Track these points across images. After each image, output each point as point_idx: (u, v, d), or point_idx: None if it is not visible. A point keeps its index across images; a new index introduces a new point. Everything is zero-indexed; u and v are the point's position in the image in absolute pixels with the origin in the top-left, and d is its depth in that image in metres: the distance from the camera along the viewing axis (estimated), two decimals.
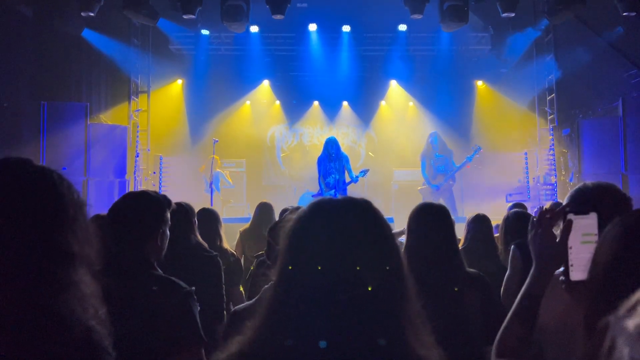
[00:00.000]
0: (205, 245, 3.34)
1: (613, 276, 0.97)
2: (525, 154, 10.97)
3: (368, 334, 1.00)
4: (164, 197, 2.17)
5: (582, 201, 1.72)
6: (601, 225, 1.20)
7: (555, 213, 1.33)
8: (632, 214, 1.04)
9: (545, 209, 1.35)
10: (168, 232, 2.11)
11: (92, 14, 8.23)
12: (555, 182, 10.02)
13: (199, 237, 3.30)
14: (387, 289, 1.04)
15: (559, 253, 1.29)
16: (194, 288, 1.90)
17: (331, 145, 8.01)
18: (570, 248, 1.24)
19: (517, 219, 3.24)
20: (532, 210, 4.75)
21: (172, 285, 1.88)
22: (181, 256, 3.01)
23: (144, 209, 2.03)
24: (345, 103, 12.64)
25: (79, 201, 1.14)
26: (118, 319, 1.21)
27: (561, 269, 1.35)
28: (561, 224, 1.32)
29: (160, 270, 1.97)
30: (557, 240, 1.30)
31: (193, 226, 3.29)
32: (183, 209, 3.28)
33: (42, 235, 1.06)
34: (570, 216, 1.22)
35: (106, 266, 1.78)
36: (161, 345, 1.74)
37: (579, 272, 1.19)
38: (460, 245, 3.20)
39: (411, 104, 12.35)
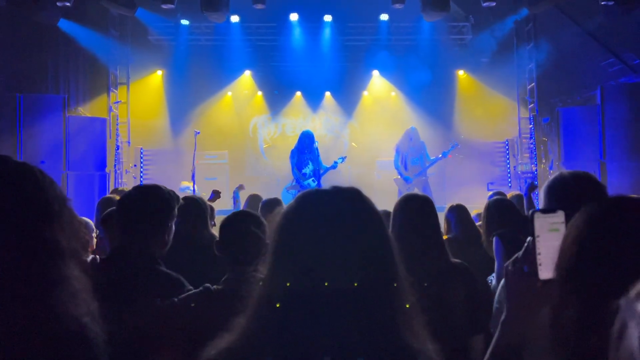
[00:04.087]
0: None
1: (579, 267, 0.95)
2: (506, 142, 11.08)
3: (365, 336, 0.98)
4: (173, 192, 2.12)
5: (562, 191, 1.72)
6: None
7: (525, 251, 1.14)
8: (595, 204, 1.02)
9: (515, 258, 1.22)
10: (174, 227, 2.07)
11: (68, 4, 8.06)
12: (536, 170, 10.14)
13: (212, 230, 3.26)
14: (381, 282, 1.03)
15: (539, 300, 1.10)
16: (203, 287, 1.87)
17: (307, 138, 8.23)
18: (539, 248, 1.19)
19: (499, 206, 3.25)
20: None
21: (175, 284, 1.85)
22: (197, 250, 2.98)
23: (155, 203, 1.99)
24: (327, 93, 12.61)
25: (62, 196, 1.14)
26: (116, 312, 1.19)
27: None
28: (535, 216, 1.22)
29: (163, 266, 1.93)
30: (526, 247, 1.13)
31: (206, 220, 3.26)
32: (195, 203, 3.25)
33: (30, 231, 1.04)
34: (538, 214, 1.19)
35: (111, 257, 1.74)
36: (158, 342, 1.71)
37: (547, 271, 1.16)
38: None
39: (393, 94, 12.36)
